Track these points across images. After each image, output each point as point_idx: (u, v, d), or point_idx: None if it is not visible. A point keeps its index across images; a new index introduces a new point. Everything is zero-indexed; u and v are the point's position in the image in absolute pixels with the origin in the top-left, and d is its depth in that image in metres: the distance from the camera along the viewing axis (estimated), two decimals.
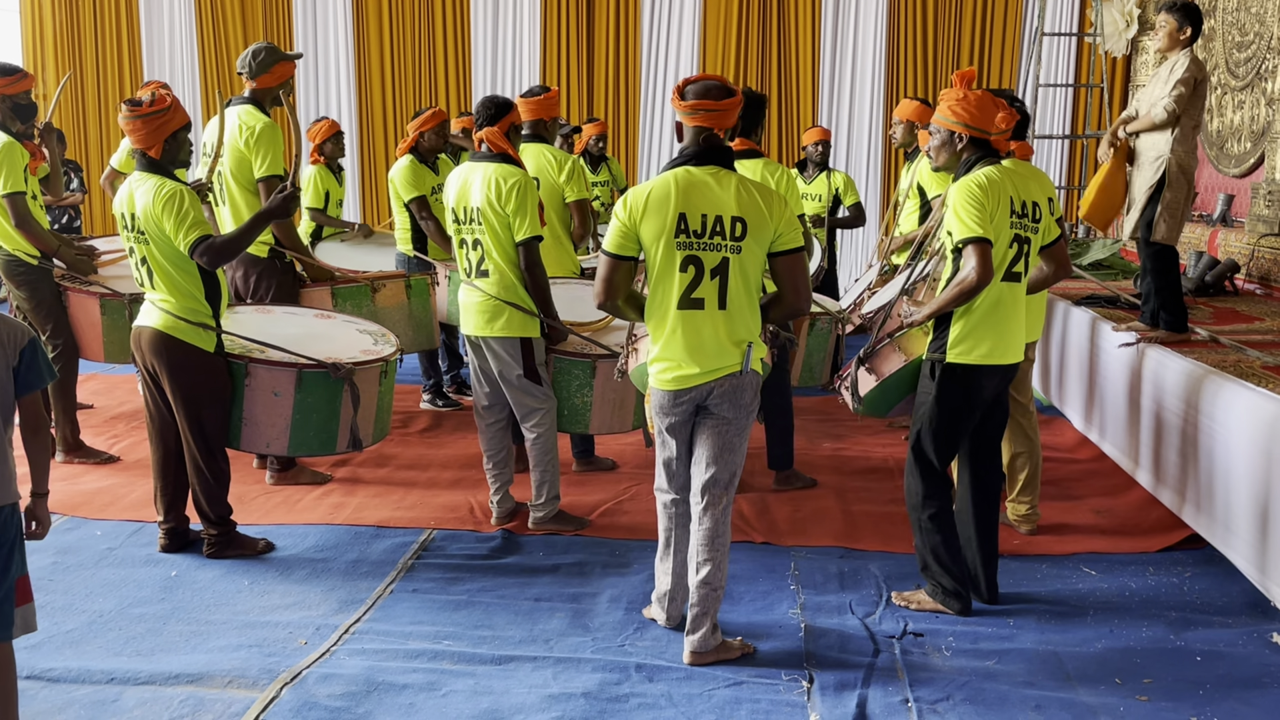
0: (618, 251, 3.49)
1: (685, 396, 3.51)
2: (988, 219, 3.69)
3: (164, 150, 4.22)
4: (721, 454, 3.55)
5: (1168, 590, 4.27)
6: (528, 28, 11.21)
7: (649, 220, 3.41)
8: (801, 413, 5.78)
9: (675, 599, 3.82)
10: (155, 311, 4.26)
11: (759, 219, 3.39)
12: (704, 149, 3.46)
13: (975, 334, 3.81)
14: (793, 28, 10.97)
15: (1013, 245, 3.79)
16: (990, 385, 3.89)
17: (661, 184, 3.44)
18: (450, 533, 4.82)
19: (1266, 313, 6.15)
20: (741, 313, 3.46)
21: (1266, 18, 7.99)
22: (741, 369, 3.49)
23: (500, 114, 4.64)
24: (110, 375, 7.65)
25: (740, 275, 3.42)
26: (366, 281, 5.67)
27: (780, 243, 3.44)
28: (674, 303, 3.44)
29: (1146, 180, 5.11)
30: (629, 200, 3.46)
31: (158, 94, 4.22)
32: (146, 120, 4.16)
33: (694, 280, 3.41)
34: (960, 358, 3.83)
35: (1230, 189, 8.34)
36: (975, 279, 3.66)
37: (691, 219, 3.38)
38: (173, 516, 4.54)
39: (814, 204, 7.62)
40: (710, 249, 3.39)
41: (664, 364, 3.51)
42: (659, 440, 3.67)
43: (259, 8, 11.37)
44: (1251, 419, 4.11)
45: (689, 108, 3.43)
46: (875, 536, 4.79)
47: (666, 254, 3.41)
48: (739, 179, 3.45)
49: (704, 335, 3.44)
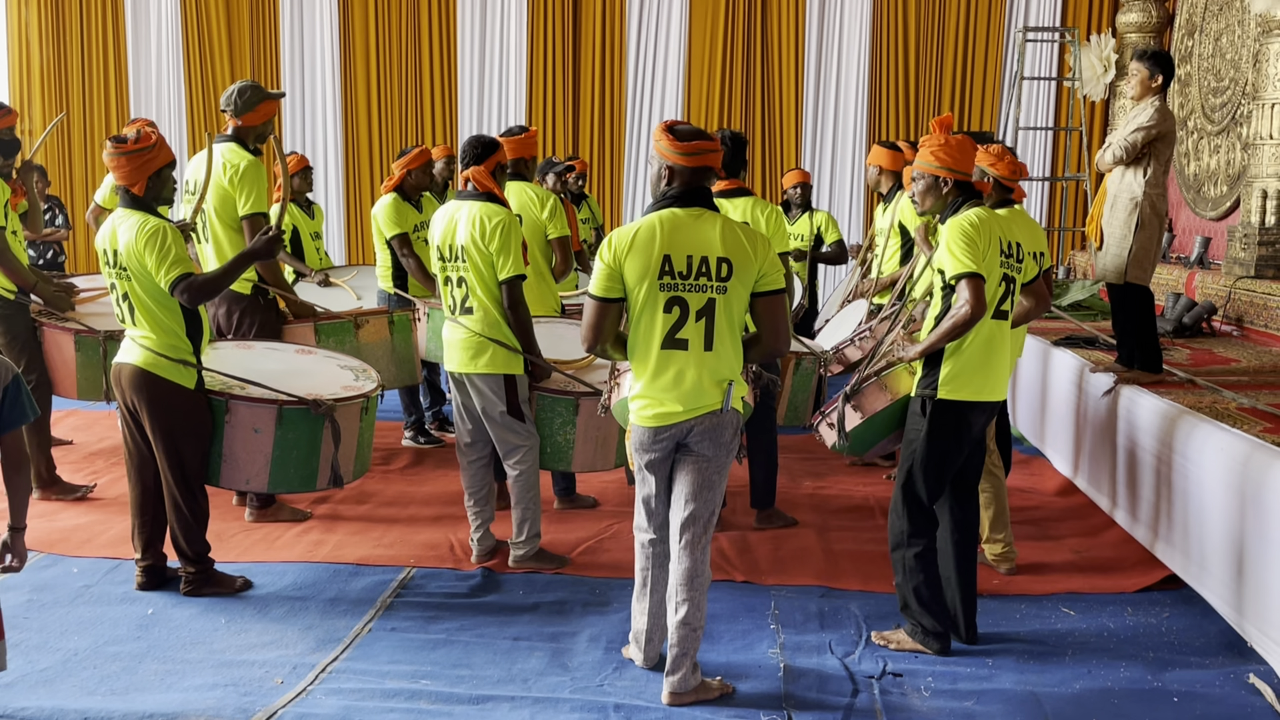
0: (603, 294, 3.47)
1: (665, 434, 3.52)
2: (980, 256, 3.76)
3: (147, 187, 4.23)
4: (700, 492, 3.55)
5: (1145, 630, 4.28)
6: (514, 66, 11.31)
7: (633, 261, 3.41)
8: (784, 451, 5.79)
9: (653, 640, 3.81)
10: (136, 348, 4.26)
11: (744, 259, 3.41)
12: (686, 191, 3.46)
13: (966, 371, 3.86)
14: (776, 69, 11.09)
15: (1002, 284, 3.87)
16: (979, 422, 3.94)
17: (647, 225, 3.44)
18: (430, 570, 4.80)
19: (1243, 354, 6.22)
20: (725, 353, 3.47)
21: (1241, 64, 8.13)
22: (722, 407, 3.49)
23: (486, 153, 4.68)
24: (90, 411, 7.62)
25: (726, 316, 3.43)
26: (350, 317, 5.68)
27: (763, 283, 3.46)
28: (657, 343, 3.44)
29: (1120, 222, 5.20)
30: (613, 241, 3.46)
31: (143, 131, 4.24)
32: (131, 157, 4.18)
33: (678, 321, 3.41)
34: (952, 394, 3.87)
35: (1207, 231, 8.45)
36: (969, 312, 3.72)
37: (676, 260, 3.39)
38: (150, 554, 4.51)
39: (796, 243, 7.67)
40: (696, 290, 3.40)
41: (645, 401, 3.52)
42: (638, 477, 3.67)
43: (246, 45, 11.44)
44: (1226, 460, 4.16)
45: (692, 149, 3.41)
46: (856, 576, 4.80)
47: (650, 295, 3.42)
48: (724, 220, 3.46)
49: (686, 375, 3.45)
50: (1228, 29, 8.43)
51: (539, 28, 11.20)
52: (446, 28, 11.31)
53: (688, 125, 3.51)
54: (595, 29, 11.15)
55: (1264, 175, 7.16)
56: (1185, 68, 9.22)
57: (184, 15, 11.44)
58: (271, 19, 11.41)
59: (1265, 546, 3.83)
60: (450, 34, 11.31)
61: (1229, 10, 8.39)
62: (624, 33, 11.15)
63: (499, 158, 4.73)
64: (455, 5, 11.27)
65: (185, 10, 11.43)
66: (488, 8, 11.27)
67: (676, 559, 3.59)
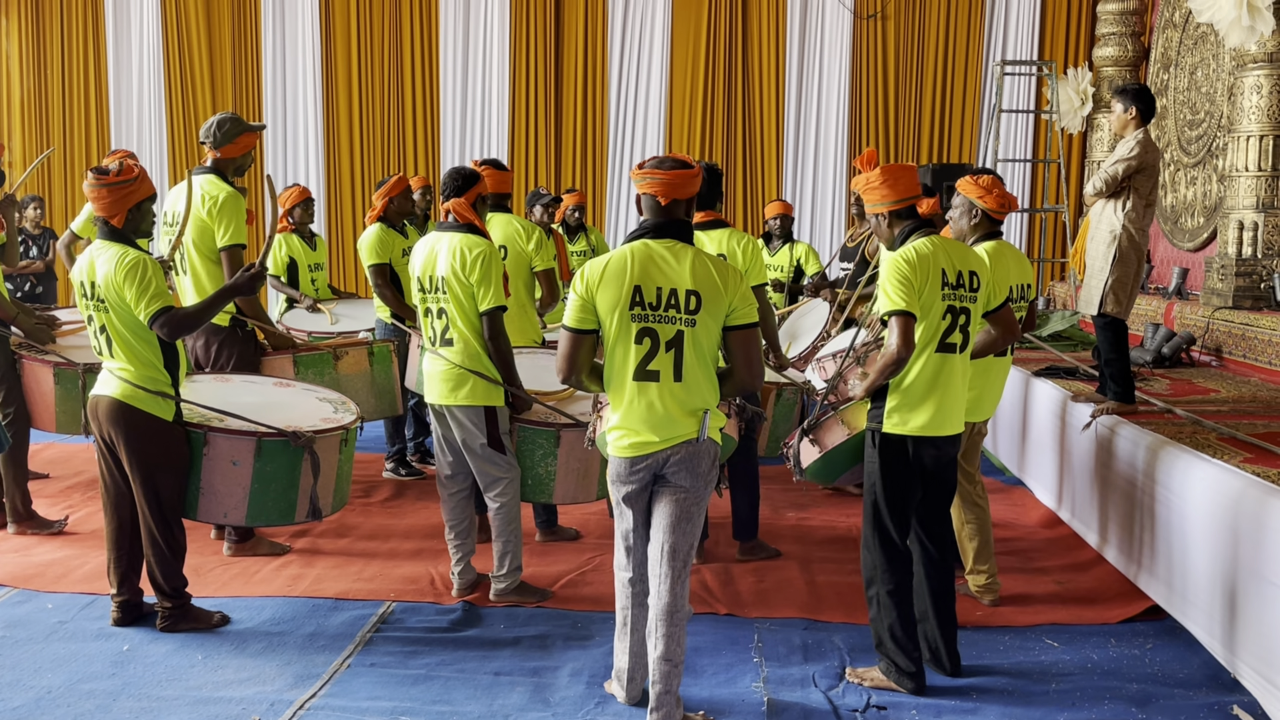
0: (577, 326, 3.49)
1: (642, 464, 3.50)
2: (914, 293, 3.73)
3: (127, 219, 4.21)
4: (679, 524, 3.53)
5: (1129, 662, 4.27)
6: (496, 97, 11.36)
7: (604, 292, 3.44)
8: (766, 482, 5.78)
9: (634, 678, 3.77)
10: (113, 380, 4.22)
11: (714, 293, 3.42)
12: (662, 222, 3.49)
13: (909, 405, 3.82)
14: (757, 101, 11.17)
15: (946, 317, 3.81)
16: (929, 456, 3.87)
17: (618, 257, 3.47)
18: (410, 605, 4.75)
19: (1222, 385, 6.25)
20: (697, 384, 3.47)
21: (1216, 97, 8.23)
22: (698, 437, 3.48)
23: (467, 185, 4.68)
24: (67, 445, 7.55)
25: (694, 348, 3.44)
26: (328, 349, 5.65)
27: (734, 317, 3.46)
28: (630, 374, 3.45)
29: (1099, 254, 5.24)
30: (585, 273, 3.48)
31: (125, 164, 4.22)
32: (113, 189, 4.16)
33: (649, 353, 3.43)
34: (896, 428, 3.85)
35: (1185, 262, 8.52)
36: (894, 353, 3.71)
37: (647, 292, 3.41)
38: (126, 589, 4.45)
39: (776, 274, 7.70)
40: (665, 321, 3.42)
41: (620, 431, 3.51)
42: (616, 512, 3.65)
43: (228, 76, 11.46)
44: (1207, 490, 4.16)
45: (639, 175, 3.51)
46: (839, 607, 4.78)
47: (621, 326, 3.44)
48: (696, 252, 3.48)
49: (659, 406, 3.45)
50: (1203, 63, 8.54)
51: (521, 60, 11.26)
52: (429, 60, 11.35)
53: (656, 156, 3.56)
54: (578, 61, 11.22)
55: (1240, 207, 7.23)
56: (1161, 101, 9.33)
57: (166, 45, 11.46)
58: (254, 49, 11.44)
59: (1249, 579, 3.83)
60: (433, 65, 11.36)
61: (1204, 45, 8.50)
62: (606, 65, 11.22)
63: (480, 189, 4.73)
64: (438, 37, 11.33)
65: (167, 40, 11.45)
66: (470, 40, 11.33)
67: (656, 594, 3.56)
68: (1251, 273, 6.97)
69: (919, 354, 3.79)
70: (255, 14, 11.42)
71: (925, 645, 4.06)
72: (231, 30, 11.42)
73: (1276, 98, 7.07)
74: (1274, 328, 6.40)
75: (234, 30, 11.43)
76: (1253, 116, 7.16)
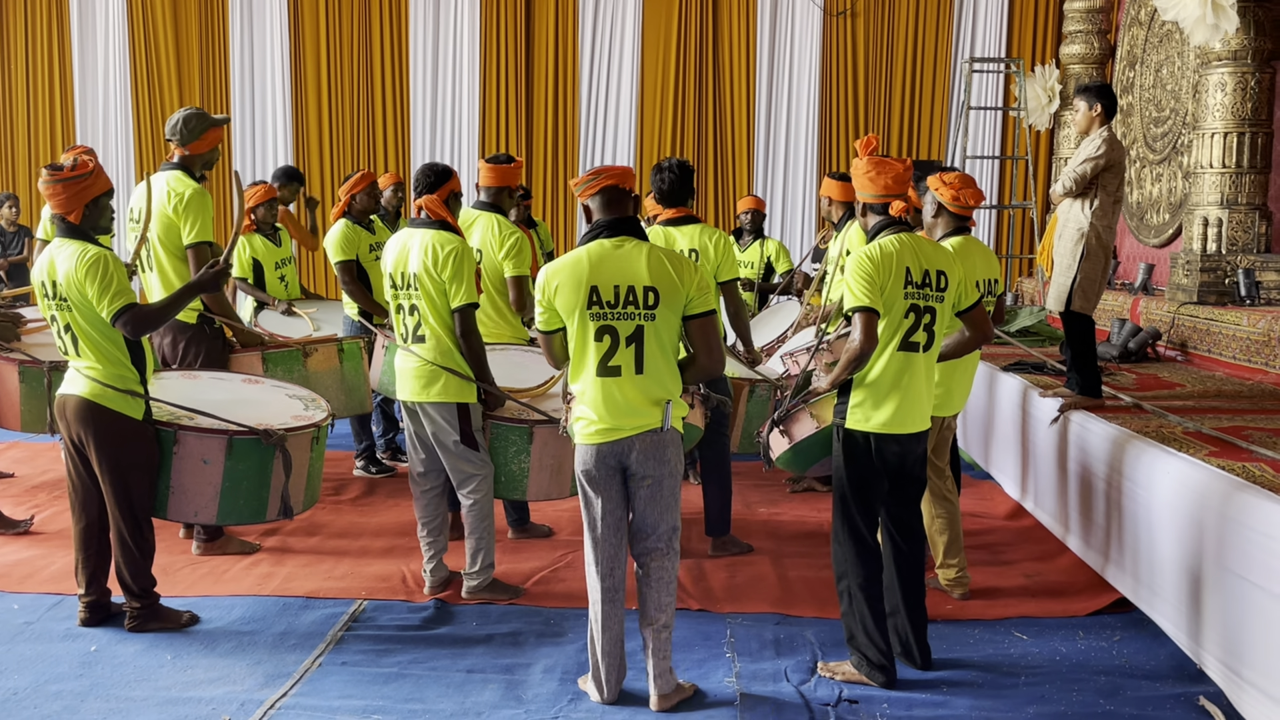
0: (545, 327, 3.69)
1: (607, 450, 3.61)
2: (877, 290, 3.75)
3: (84, 215, 4.14)
4: (657, 512, 3.68)
5: (1097, 654, 4.32)
6: (467, 95, 11.32)
7: (562, 294, 3.57)
8: (738, 477, 5.80)
9: (611, 679, 3.80)
10: (81, 379, 4.16)
11: (670, 286, 3.54)
12: (614, 219, 3.62)
13: (871, 401, 3.85)
14: (728, 99, 11.19)
15: (909, 315, 3.81)
16: (891, 452, 3.88)
17: (574, 259, 3.59)
18: (382, 603, 4.74)
19: (1187, 379, 6.32)
20: (659, 375, 3.59)
21: (1181, 95, 8.32)
22: (662, 426, 3.60)
23: (440, 182, 4.66)
24: (32, 444, 7.46)
25: (655, 341, 3.56)
26: (298, 346, 5.61)
27: (692, 307, 3.59)
28: (593, 369, 3.58)
29: (1066, 251, 5.28)
30: (544, 277, 3.61)
31: (79, 159, 4.16)
32: (68, 185, 4.09)
33: (610, 349, 3.55)
34: (858, 425, 3.87)
35: (1150, 258, 8.61)
36: (857, 348, 3.73)
37: (604, 290, 3.53)
38: (94, 589, 4.40)
39: (747, 271, 7.72)
40: (624, 318, 3.53)
41: (585, 420, 3.63)
42: (583, 501, 3.73)
43: (195, 72, 11.35)
44: (1173, 484, 4.21)
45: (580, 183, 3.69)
46: (811, 602, 4.80)
47: (581, 325, 3.56)
48: (650, 248, 3.59)
49: (620, 398, 3.57)
50: (1168, 60, 8.62)
51: (492, 57, 11.22)
52: (399, 57, 11.30)
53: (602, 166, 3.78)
54: (548, 58, 11.20)
55: (1205, 204, 7.31)
56: (1127, 98, 9.42)
57: (131, 40, 11.34)
58: (221, 44, 11.34)
59: (1214, 571, 3.88)
60: (403, 62, 11.30)
61: (1169, 43, 8.59)
62: (577, 62, 11.20)
63: (452, 186, 4.71)
64: (408, 33, 11.27)
65: (133, 36, 11.33)
66: (440, 36, 11.28)
67: (646, 573, 3.72)
68: (1216, 268, 7.06)
69: (880, 351, 3.81)
70: (223, 9, 11.32)
71: (896, 639, 4.09)
72: (199, 25, 11.31)
73: (1240, 95, 7.16)
74: (1238, 323, 6.47)
75: (200, 25, 11.32)
76: (1217, 114, 7.24)
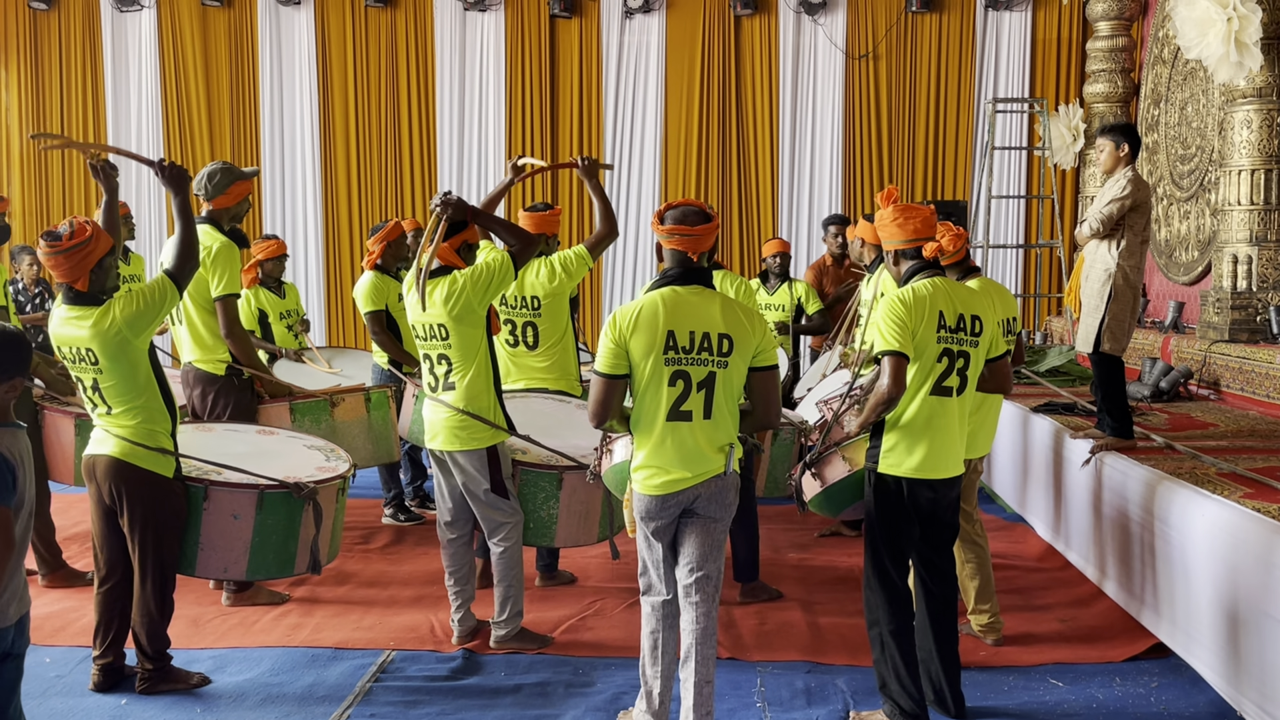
0: (610, 371, 3.61)
1: (672, 500, 3.63)
2: (908, 334, 3.75)
3: (91, 281, 4.06)
4: (710, 553, 3.68)
5: (1135, 701, 4.24)
6: (492, 143, 11.41)
7: (638, 337, 3.56)
8: (766, 521, 5.76)
9: (664, 703, 3.77)
10: (110, 439, 4.13)
11: (744, 335, 3.58)
12: (685, 270, 3.65)
13: (904, 446, 3.83)
14: (752, 142, 11.24)
15: (942, 359, 3.81)
16: (924, 497, 3.86)
17: (649, 303, 3.60)
18: (410, 653, 4.72)
19: (1220, 418, 6.24)
20: (724, 422, 3.62)
21: (1207, 132, 8.29)
22: (725, 470, 3.63)
23: (453, 232, 4.68)
24: (68, 495, 7.50)
25: (724, 388, 3.59)
26: (325, 396, 5.64)
27: (760, 359, 3.63)
28: (662, 415, 3.58)
29: (1094, 292, 5.25)
30: (617, 320, 3.60)
31: (76, 224, 4.05)
32: (69, 254, 4.00)
33: (683, 394, 3.56)
34: (891, 469, 3.86)
35: (1180, 296, 8.54)
36: (884, 392, 3.74)
37: (680, 336, 3.55)
38: (111, 652, 4.33)
39: (777, 314, 7.71)
40: (698, 364, 3.55)
41: (650, 470, 3.63)
42: (644, 545, 3.73)
43: (226, 126, 11.51)
44: (1209, 526, 4.15)
45: (666, 232, 3.65)
46: (842, 650, 4.74)
47: (655, 369, 3.56)
48: (722, 298, 3.65)
49: (690, 444, 3.59)
50: (1193, 98, 8.60)
51: (517, 106, 11.33)
52: (425, 102, 11.42)
53: (680, 208, 3.70)
54: (572, 105, 11.29)
55: (1234, 240, 7.25)
56: (1153, 136, 9.39)
57: (164, 95, 11.53)
58: (251, 98, 11.51)
59: (1252, 615, 3.81)
60: (429, 107, 11.41)
61: (1193, 80, 8.57)
62: (601, 107, 11.29)
63: (466, 236, 4.72)
64: (434, 78, 11.38)
65: (165, 91, 11.52)
66: (466, 81, 11.38)
67: (691, 620, 3.67)
68: (1247, 306, 6.99)
69: (913, 395, 3.79)
70: (253, 61, 11.50)
71: (929, 686, 4.04)
72: (230, 77, 11.49)
73: (1266, 132, 7.12)
74: (1271, 360, 6.40)
75: (231, 77, 11.49)
76: (1243, 151, 7.20)
